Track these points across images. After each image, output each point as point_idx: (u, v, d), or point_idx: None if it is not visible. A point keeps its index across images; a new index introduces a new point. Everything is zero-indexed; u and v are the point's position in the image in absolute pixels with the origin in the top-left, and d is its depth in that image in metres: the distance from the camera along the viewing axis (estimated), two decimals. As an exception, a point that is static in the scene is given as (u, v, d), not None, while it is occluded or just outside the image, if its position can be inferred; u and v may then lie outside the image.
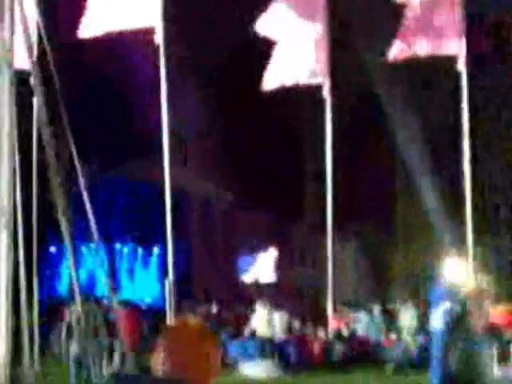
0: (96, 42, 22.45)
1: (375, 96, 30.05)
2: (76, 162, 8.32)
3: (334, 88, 26.13)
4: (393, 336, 25.48)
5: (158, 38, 23.08)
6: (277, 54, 25.18)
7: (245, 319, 27.15)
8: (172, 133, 22.97)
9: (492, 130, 32.75)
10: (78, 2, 22.20)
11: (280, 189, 35.36)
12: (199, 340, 5.03)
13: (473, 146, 24.63)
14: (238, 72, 31.64)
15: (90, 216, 8.36)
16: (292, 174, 36.24)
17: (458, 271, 22.39)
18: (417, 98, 30.39)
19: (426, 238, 30.72)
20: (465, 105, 24.28)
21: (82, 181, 8.35)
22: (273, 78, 25.22)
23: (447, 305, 14.88)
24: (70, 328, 20.15)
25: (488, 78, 27.66)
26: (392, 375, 23.50)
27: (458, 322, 10.68)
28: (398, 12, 24.31)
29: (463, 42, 24.08)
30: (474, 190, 24.94)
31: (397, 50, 24.68)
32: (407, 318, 26.28)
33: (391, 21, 25.03)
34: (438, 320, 15.64)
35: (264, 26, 24.86)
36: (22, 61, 7.56)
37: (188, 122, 30.54)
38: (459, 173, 24.73)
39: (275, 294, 32.71)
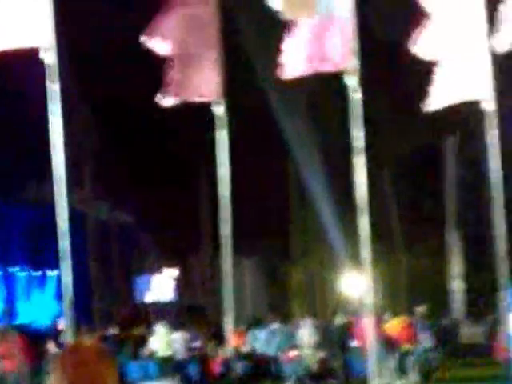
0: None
1: (271, 114, 30.15)
2: None
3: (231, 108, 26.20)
4: (293, 352, 25.55)
5: (50, 58, 22.83)
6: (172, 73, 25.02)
7: (144, 340, 27.06)
8: (67, 155, 22.76)
9: (386, 145, 33.22)
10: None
11: (180, 209, 35.43)
12: (96, 361, 4.83)
13: (368, 161, 24.86)
14: (131, 91, 31.48)
15: None
16: (189, 193, 36.25)
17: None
18: (312, 116, 30.56)
19: (324, 253, 30.93)
20: (358, 122, 24.49)
21: None
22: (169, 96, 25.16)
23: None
24: None
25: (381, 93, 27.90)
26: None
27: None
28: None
29: (355, 61, 24.32)
30: (371, 203, 25.22)
31: (291, 69, 24.82)
32: (306, 333, 26.35)
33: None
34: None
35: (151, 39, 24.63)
36: None
37: (82, 143, 30.29)
38: (354, 186, 25.02)
39: (175, 314, 32.53)
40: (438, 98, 25.46)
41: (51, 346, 23.74)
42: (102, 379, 4.96)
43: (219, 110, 24.89)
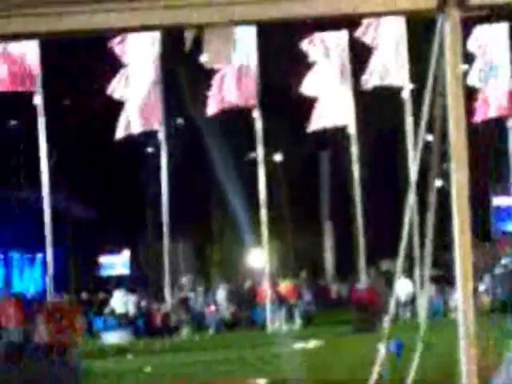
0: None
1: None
2: None
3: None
4: (212, 307, 25.76)
5: (37, 99, 22.55)
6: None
7: (106, 302, 26.97)
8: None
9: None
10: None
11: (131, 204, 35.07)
12: (71, 311, 5.23)
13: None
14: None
15: None
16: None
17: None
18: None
19: (236, 236, 30.75)
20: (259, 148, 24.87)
21: None
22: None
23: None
24: None
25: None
26: (213, 334, 23.85)
27: None
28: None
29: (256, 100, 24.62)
30: (270, 201, 25.47)
31: (213, 106, 24.70)
32: (222, 294, 26.58)
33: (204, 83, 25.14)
34: None
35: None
36: None
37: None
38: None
39: (130, 283, 32.39)
40: (316, 122, 25.78)
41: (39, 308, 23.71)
42: (74, 325, 5.35)
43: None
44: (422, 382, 8.45)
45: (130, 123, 24.55)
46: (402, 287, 22.14)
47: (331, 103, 25.92)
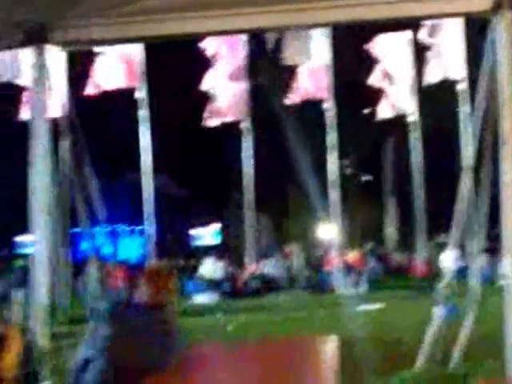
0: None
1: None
2: (91, 176, 8.12)
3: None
4: (288, 273, 25.75)
5: (140, 94, 23.00)
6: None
7: (197, 267, 27.26)
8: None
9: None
10: (85, 67, 22.04)
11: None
12: (167, 274, 5.27)
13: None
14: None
15: (100, 209, 8.44)
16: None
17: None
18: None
19: (309, 212, 30.68)
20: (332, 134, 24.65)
21: (94, 190, 8.27)
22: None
23: None
24: (86, 279, 19.87)
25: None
26: (288, 298, 23.87)
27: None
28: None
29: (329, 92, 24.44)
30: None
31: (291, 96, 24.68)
32: (298, 261, 26.57)
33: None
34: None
35: None
36: (53, 112, 7.07)
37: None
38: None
39: (217, 251, 32.67)
40: (383, 111, 25.48)
41: (140, 272, 24.10)
42: (170, 286, 5.41)
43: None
44: (471, 336, 8.36)
45: (219, 112, 25.22)
46: (456, 258, 21.76)
47: (394, 95, 25.91)
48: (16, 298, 5.34)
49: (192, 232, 38.42)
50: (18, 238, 31.67)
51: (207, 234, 37.78)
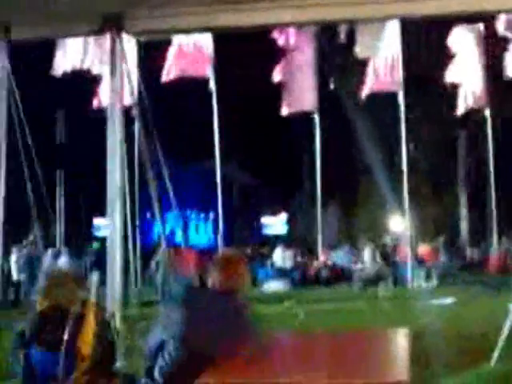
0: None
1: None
2: (164, 165, 8.17)
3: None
4: (359, 265, 25.59)
5: (212, 85, 23.09)
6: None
7: (267, 256, 27.40)
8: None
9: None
10: (162, 58, 22.25)
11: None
12: (238, 261, 5.32)
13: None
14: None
15: (172, 194, 8.58)
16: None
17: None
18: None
19: (378, 204, 30.44)
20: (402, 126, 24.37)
21: (167, 178, 8.34)
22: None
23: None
24: (157, 263, 20.26)
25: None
26: (358, 290, 23.78)
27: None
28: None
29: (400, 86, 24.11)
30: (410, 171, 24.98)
31: (364, 89, 24.50)
32: (367, 252, 26.34)
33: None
34: None
35: None
36: (126, 99, 7.07)
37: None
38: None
39: (286, 240, 32.80)
40: (460, 106, 25.07)
41: (211, 258, 24.30)
42: (242, 274, 5.45)
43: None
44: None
45: (290, 104, 25.25)
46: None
47: (471, 90, 25.52)
48: (92, 279, 5.41)
49: (262, 220, 38.62)
50: (96, 221, 32.35)
51: (277, 223, 37.89)
